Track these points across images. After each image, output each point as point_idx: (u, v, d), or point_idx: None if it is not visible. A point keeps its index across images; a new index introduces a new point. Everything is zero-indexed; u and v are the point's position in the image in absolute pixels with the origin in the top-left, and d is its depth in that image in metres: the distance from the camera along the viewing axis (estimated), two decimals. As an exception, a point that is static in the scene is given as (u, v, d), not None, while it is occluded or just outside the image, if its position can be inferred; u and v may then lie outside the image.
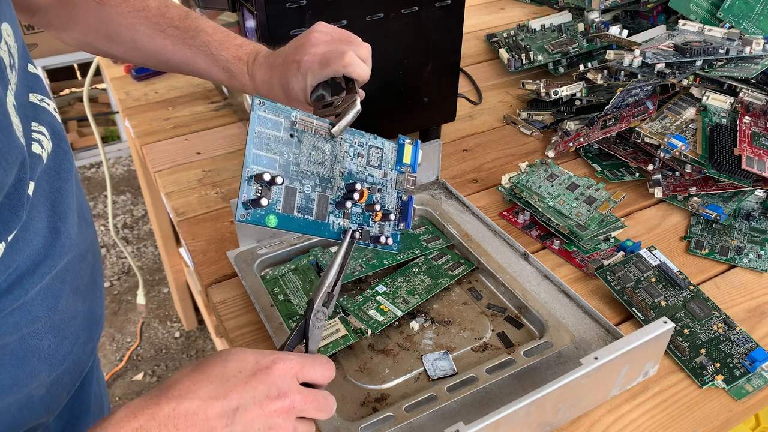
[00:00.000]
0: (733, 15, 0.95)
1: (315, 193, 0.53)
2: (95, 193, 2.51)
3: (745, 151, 0.78)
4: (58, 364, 0.51)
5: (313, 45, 0.59)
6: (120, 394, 1.75)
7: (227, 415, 0.41)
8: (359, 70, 0.58)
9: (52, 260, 0.47)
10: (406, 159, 0.60)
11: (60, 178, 0.49)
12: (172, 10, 0.66)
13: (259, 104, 0.50)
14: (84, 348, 0.54)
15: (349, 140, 0.56)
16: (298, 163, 0.52)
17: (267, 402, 0.42)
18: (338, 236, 0.55)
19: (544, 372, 0.61)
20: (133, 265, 1.71)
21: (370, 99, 0.86)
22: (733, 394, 0.61)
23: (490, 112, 1.08)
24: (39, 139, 0.46)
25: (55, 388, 0.52)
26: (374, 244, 0.58)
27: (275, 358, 0.44)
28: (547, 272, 0.72)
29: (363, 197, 0.56)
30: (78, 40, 0.68)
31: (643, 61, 0.88)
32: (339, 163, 0.55)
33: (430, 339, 0.66)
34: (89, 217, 0.56)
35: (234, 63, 0.64)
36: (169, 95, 1.14)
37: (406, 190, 0.60)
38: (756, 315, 0.69)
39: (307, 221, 0.53)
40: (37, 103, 0.48)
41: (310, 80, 0.59)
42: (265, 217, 0.50)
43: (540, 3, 1.45)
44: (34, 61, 0.49)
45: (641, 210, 0.85)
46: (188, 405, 0.41)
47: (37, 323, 0.47)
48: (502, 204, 0.86)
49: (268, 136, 0.50)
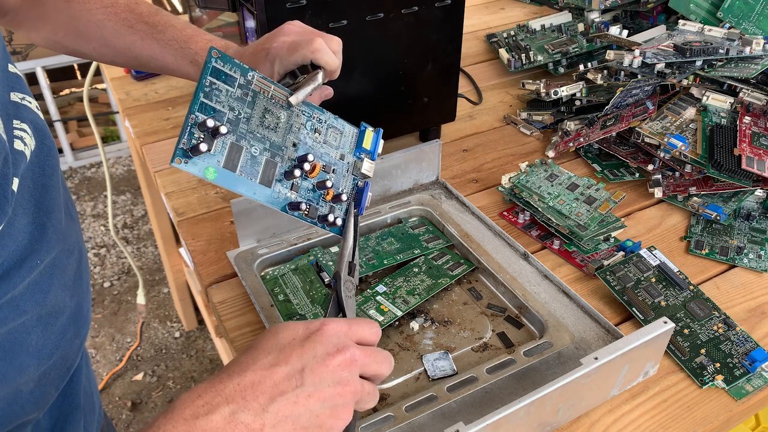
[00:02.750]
0: (733, 15, 0.96)
1: (262, 157, 0.51)
2: (95, 193, 2.51)
3: (745, 151, 0.78)
4: (46, 358, 0.51)
5: (284, 34, 0.60)
6: (120, 394, 1.75)
7: (294, 376, 0.41)
8: (327, 57, 0.58)
9: (38, 255, 0.47)
10: (366, 144, 0.58)
11: (44, 174, 0.49)
12: (141, 7, 0.66)
13: (216, 55, 0.48)
14: (71, 343, 0.55)
15: (307, 113, 0.54)
16: (248, 122, 0.50)
17: (329, 358, 0.42)
18: (284, 207, 0.53)
19: (544, 372, 0.61)
20: (133, 265, 1.71)
21: (371, 99, 0.87)
22: (733, 394, 0.61)
23: (490, 112, 1.08)
24: (21, 137, 0.46)
25: (44, 383, 0.52)
26: (321, 223, 0.56)
27: (323, 321, 0.44)
28: (547, 272, 0.72)
29: (315, 172, 0.54)
30: (48, 39, 0.68)
31: (643, 61, 0.88)
32: (293, 133, 0.53)
33: (430, 339, 0.66)
34: (75, 214, 0.56)
35: (203, 55, 0.64)
36: (169, 95, 1.14)
37: (362, 176, 0.58)
38: (756, 315, 0.69)
39: (250, 182, 0.51)
40: (19, 102, 0.48)
41: (277, 67, 0.59)
42: (204, 169, 0.48)
43: (540, 3, 1.45)
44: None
45: (641, 210, 0.85)
46: (252, 376, 0.41)
47: (24, 317, 0.47)
48: (502, 204, 0.86)
49: (220, 89, 0.49)
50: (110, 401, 1.73)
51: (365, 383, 0.44)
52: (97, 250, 2.23)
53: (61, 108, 2.59)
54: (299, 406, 0.41)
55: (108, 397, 1.74)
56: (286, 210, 0.53)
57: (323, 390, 0.42)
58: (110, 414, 1.70)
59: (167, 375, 1.80)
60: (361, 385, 0.44)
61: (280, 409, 0.41)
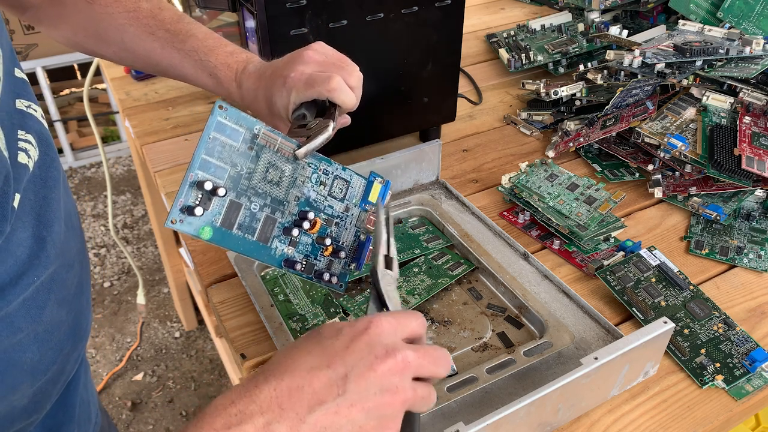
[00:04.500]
0: (733, 15, 0.95)
1: (262, 213, 0.49)
2: (95, 193, 2.51)
3: (745, 151, 0.78)
4: (41, 374, 0.49)
5: (304, 63, 0.58)
6: (120, 394, 1.75)
7: (336, 384, 0.38)
8: (344, 97, 0.56)
9: (36, 270, 0.45)
10: (372, 197, 0.57)
11: (46, 186, 0.48)
12: (164, 13, 0.65)
13: (221, 109, 0.47)
14: (68, 358, 0.53)
15: (313, 165, 0.53)
16: (250, 178, 0.49)
17: (377, 363, 0.38)
18: (279, 264, 0.51)
19: (544, 372, 0.61)
20: (133, 265, 1.71)
21: (371, 99, 0.86)
22: (733, 394, 0.61)
23: (490, 112, 1.08)
24: (26, 149, 0.45)
25: (38, 398, 0.51)
26: (317, 279, 0.54)
27: (370, 319, 0.40)
28: (547, 272, 0.72)
29: (315, 228, 0.52)
30: (68, 39, 0.68)
31: (643, 61, 0.88)
32: (297, 187, 0.52)
33: (430, 339, 0.66)
34: (78, 224, 0.55)
35: (222, 69, 0.63)
36: (169, 95, 1.14)
37: (366, 230, 0.57)
38: (756, 315, 0.69)
39: (247, 241, 0.49)
40: (24, 110, 0.47)
41: (293, 98, 0.57)
42: (200, 228, 0.46)
43: (540, 3, 1.45)
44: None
45: (641, 210, 0.85)
46: (290, 381, 0.37)
47: (19, 334, 0.45)
48: (502, 204, 0.86)
49: (224, 144, 0.47)
50: (110, 401, 1.73)
51: (418, 387, 0.40)
52: (97, 250, 2.23)
53: (61, 108, 2.59)
54: (341, 416, 0.37)
55: (108, 397, 1.74)
56: (281, 266, 0.51)
57: (369, 399, 0.38)
58: (110, 414, 1.70)
59: (167, 375, 1.80)
60: (413, 391, 0.40)
61: (319, 419, 0.37)
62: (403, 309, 0.45)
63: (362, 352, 0.39)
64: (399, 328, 0.41)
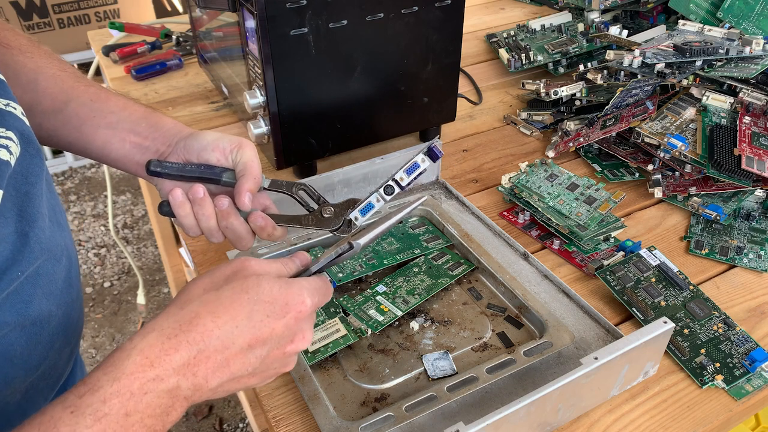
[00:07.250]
0: (733, 15, 0.95)
1: None
2: (95, 193, 2.51)
3: (745, 151, 0.78)
4: (33, 369, 0.50)
5: None
6: (120, 394, 1.75)
7: (251, 363, 0.43)
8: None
9: (20, 265, 0.46)
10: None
11: (28, 182, 0.48)
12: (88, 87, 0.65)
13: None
14: (60, 353, 0.53)
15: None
16: None
17: (287, 345, 0.45)
18: None
19: (544, 372, 0.61)
20: (133, 265, 1.71)
21: (371, 99, 0.86)
22: (733, 394, 0.61)
23: (490, 112, 1.08)
24: (7, 145, 0.45)
25: (31, 394, 0.51)
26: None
27: (299, 302, 0.45)
28: (547, 272, 0.72)
29: None
30: None
31: (643, 61, 0.88)
32: None
33: (430, 339, 0.66)
34: (63, 220, 0.54)
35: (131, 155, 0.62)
36: (169, 95, 1.14)
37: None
38: (756, 315, 0.69)
39: None
40: (3, 108, 0.47)
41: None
42: None
43: (540, 3, 1.45)
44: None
45: (641, 210, 0.85)
46: (210, 353, 0.40)
47: (5, 328, 0.46)
48: (502, 204, 0.86)
49: None
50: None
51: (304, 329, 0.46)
52: (97, 250, 2.23)
53: (61, 108, 2.59)
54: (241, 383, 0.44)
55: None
56: None
57: (268, 371, 0.45)
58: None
59: (167, 375, 1.80)
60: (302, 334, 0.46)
61: (224, 385, 0.42)
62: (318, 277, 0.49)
63: (282, 338, 0.45)
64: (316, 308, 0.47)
